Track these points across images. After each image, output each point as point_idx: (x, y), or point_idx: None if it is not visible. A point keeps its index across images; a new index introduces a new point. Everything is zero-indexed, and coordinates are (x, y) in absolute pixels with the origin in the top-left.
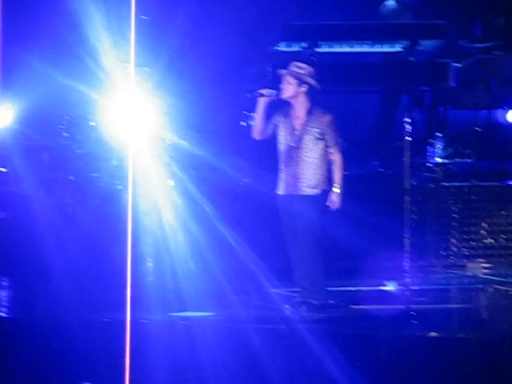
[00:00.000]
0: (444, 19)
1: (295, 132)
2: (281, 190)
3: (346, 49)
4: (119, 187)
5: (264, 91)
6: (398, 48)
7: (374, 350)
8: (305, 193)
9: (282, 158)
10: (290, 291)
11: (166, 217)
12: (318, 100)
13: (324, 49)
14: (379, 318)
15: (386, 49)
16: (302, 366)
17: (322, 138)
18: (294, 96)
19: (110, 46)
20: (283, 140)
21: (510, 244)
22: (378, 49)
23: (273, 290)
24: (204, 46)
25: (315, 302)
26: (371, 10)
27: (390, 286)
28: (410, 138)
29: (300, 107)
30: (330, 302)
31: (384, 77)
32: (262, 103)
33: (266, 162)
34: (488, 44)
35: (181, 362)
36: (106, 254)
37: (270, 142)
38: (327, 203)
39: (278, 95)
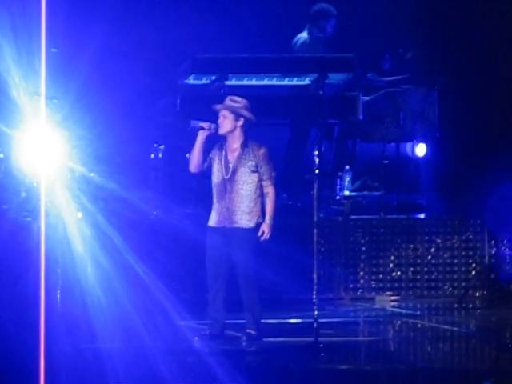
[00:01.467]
0: (353, 52)
1: (229, 165)
2: (213, 222)
3: (255, 82)
4: (28, 219)
5: (204, 124)
6: (307, 81)
7: (282, 382)
8: (240, 225)
9: (215, 190)
10: (198, 323)
11: (75, 249)
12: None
13: (233, 82)
14: (288, 351)
15: (296, 82)
16: None
17: (256, 170)
18: (232, 130)
19: (20, 78)
20: (217, 173)
21: (417, 277)
22: (287, 82)
23: (182, 323)
24: (113, 78)
25: (253, 332)
26: (281, 43)
27: (299, 319)
28: (318, 171)
29: (235, 140)
30: (237, 334)
31: (293, 110)
32: (201, 136)
33: (174, 194)
34: (396, 77)
35: None
36: (15, 286)
37: (179, 174)
38: (258, 233)
39: (216, 129)
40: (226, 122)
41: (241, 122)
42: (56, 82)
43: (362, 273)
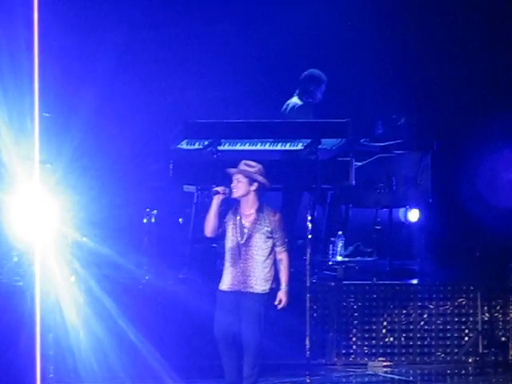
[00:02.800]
0: (346, 118)
1: (244, 230)
2: (225, 286)
3: (248, 147)
4: (20, 284)
5: (219, 188)
6: (300, 146)
7: None
8: (254, 291)
9: (229, 254)
10: None
11: (67, 313)
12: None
13: (226, 147)
14: None
15: (289, 147)
16: None
17: (271, 236)
18: (245, 194)
19: (12, 142)
20: (232, 237)
21: (410, 343)
22: (280, 147)
23: None
24: (106, 143)
25: None
26: (274, 108)
27: None
28: (311, 236)
29: (250, 205)
30: None
31: (286, 175)
32: (216, 200)
33: (167, 259)
34: (389, 143)
35: None
36: (6, 352)
37: (172, 239)
38: (275, 302)
39: (230, 193)
40: (240, 186)
41: (254, 186)
42: (49, 146)
43: (354, 338)
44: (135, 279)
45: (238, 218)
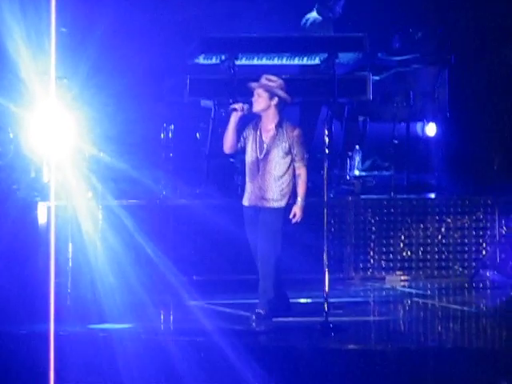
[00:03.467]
0: (362, 32)
1: (264, 145)
2: (246, 201)
3: (265, 61)
4: (37, 199)
5: (236, 105)
6: (317, 61)
7: (292, 362)
8: (270, 205)
9: (248, 169)
10: (208, 304)
11: (85, 228)
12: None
13: (243, 61)
14: (298, 331)
15: (306, 61)
16: (221, 378)
17: (289, 152)
18: (265, 109)
19: (29, 57)
20: (251, 152)
21: (427, 257)
22: (297, 61)
23: (192, 303)
24: (123, 59)
25: (262, 312)
26: (291, 23)
27: (309, 299)
28: (328, 151)
29: (270, 120)
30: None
31: (303, 89)
32: (234, 118)
33: (184, 174)
34: (406, 57)
35: (100, 373)
36: (25, 266)
37: (189, 154)
38: (290, 216)
39: (249, 109)
40: (260, 101)
41: (275, 101)
42: (65, 61)
43: (372, 253)
44: (153, 194)
45: (258, 132)
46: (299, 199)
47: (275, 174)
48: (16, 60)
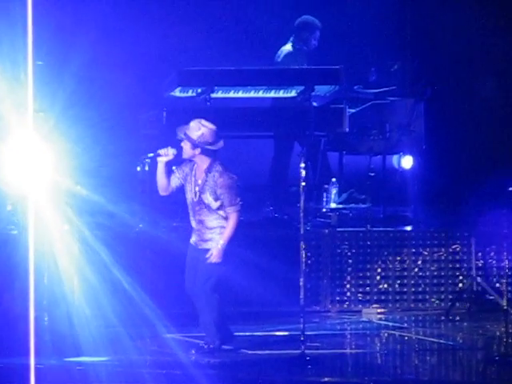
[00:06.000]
0: (339, 64)
1: (196, 188)
2: (191, 238)
3: (241, 94)
4: (14, 232)
5: (161, 151)
6: (293, 93)
7: None
8: (205, 247)
9: (189, 208)
10: (184, 336)
11: (61, 262)
12: (218, 156)
13: (219, 94)
14: (274, 363)
15: (282, 94)
16: None
17: (218, 198)
18: (192, 156)
19: (5, 90)
20: (189, 193)
21: (404, 289)
22: (273, 94)
23: (168, 336)
24: (99, 91)
25: (206, 347)
26: (267, 55)
27: (286, 331)
28: (304, 183)
29: (200, 166)
30: (224, 346)
31: (280, 122)
32: (160, 163)
33: (161, 207)
34: (382, 89)
35: None
36: (0, 300)
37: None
38: (207, 255)
39: (175, 154)
40: (185, 149)
41: (198, 150)
42: (42, 94)
43: (348, 285)
44: (129, 227)
45: (193, 175)
46: (221, 241)
47: (208, 218)
48: None
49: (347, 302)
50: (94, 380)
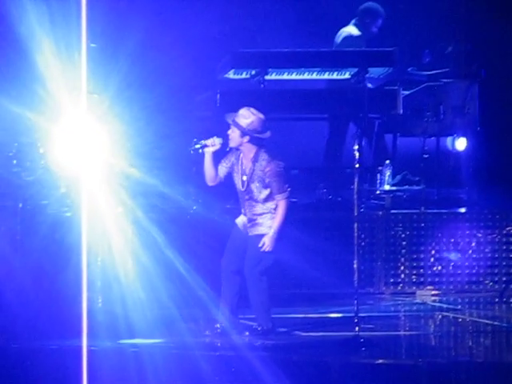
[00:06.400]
0: (393, 47)
1: (244, 177)
2: (240, 225)
3: (295, 76)
4: (68, 214)
5: (208, 141)
6: (347, 75)
7: (322, 376)
8: (255, 233)
9: (239, 197)
10: (239, 318)
11: (115, 244)
12: (265, 145)
13: (273, 76)
14: (328, 345)
15: (336, 76)
16: None
17: (267, 185)
18: (239, 145)
19: (60, 72)
20: (237, 181)
21: (458, 271)
22: (327, 76)
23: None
24: (153, 73)
25: (259, 329)
26: (321, 37)
27: (339, 313)
28: (358, 165)
29: (247, 154)
30: (279, 329)
31: (333, 104)
32: (207, 154)
33: (215, 189)
34: (437, 71)
35: None
36: (55, 282)
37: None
38: (259, 244)
39: (221, 143)
40: (232, 138)
41: (246, 138)
42: (96, 76)
43: (402, 267)
44: (182, 209)
45: (240, 165)
46: (272, 230)
47: (258, 205)
48: (46, 75)
49: (401, 284)
50: (148, 362)
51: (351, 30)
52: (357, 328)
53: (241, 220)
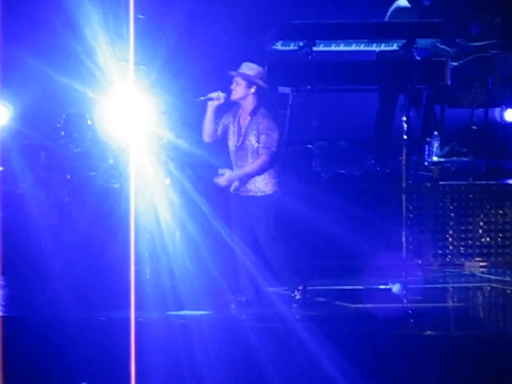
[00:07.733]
0: (441, 18)
1: (241, 131)
2: (232, 189)
3: (343, 47)
4: (115, 185)
5: (213, 95)
6: (395, 47)
7: (370, 348)
8: (253, 194)
9: (231, 157)
10: (286, 290)
11: (162, 215)
12: (264, 100)
13: (321, 47)
14: (376, 317)
15: (384, 47)
16: (299, 364)
17: (260, 141)
18: (243, 97)
19: (107, 44)
20: (232, 138)
21: (506, 243)
22: (375, 47)
23: (270, 289)
24: (201, 45)
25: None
26: (369, 9)
27: (387, 285)
28: (406, 137)
29: (248, 107)
30: (328, 300)
31: (381, 75)
32: (210, 107)
33: None
34: (485, 42)
35: (178, 360)
36: (102, 253)
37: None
38: (220, 171)
39: (225, 98)
40: (238, 89)
41: (253, 89)
42: (143, 48)
43: (450, 239)
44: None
45: (237, 119)
46: (237, 171)
47: (250, 162)
48: (94, 47)
49: (449, 256)
50: (195, 334)
51: (403, 2)
52: (405, 300)
53: (233, 184)
